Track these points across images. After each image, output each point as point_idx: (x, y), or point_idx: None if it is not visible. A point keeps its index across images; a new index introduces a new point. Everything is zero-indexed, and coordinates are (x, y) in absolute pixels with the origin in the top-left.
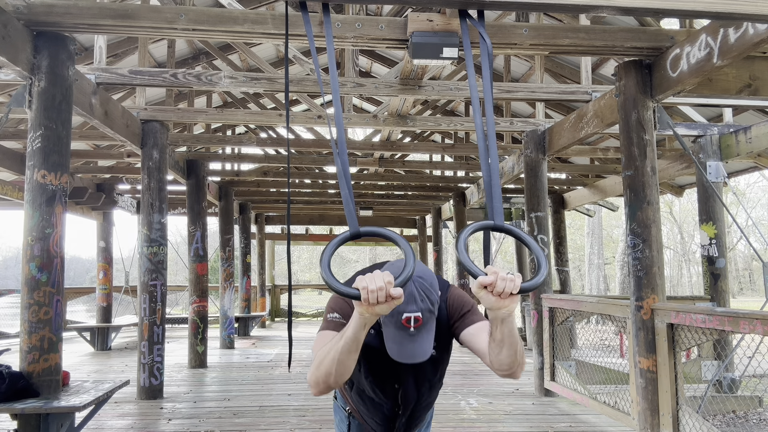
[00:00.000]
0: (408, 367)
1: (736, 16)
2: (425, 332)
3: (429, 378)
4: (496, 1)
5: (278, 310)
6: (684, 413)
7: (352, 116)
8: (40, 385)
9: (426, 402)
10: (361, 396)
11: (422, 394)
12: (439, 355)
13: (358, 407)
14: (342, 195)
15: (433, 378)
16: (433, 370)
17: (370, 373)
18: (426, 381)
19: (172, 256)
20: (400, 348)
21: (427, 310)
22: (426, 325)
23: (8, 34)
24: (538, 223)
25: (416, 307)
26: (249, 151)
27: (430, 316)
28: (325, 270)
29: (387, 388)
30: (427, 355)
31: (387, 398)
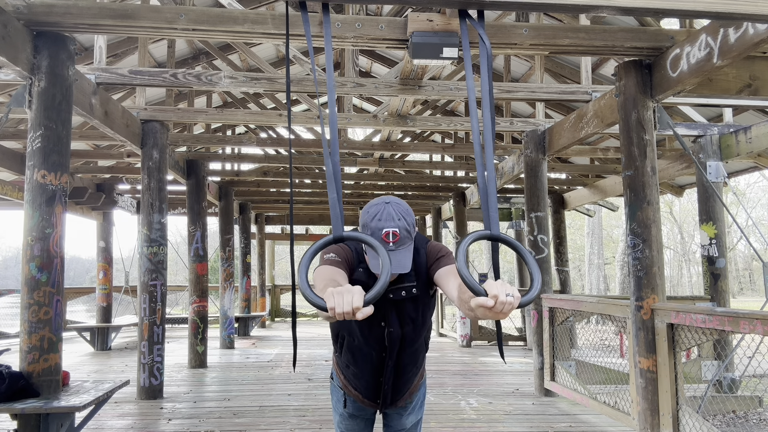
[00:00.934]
0: (391, 305)
1: (736, 16)
2: (403, 249)
3: (411, 316)
4: (496, 1)
5: (278, 310)
6: (684, 413)
7: (352, 116)
8: (40, 385)
9: (411, 350)
10: (351, 350)
11: (406, 333)
12: (420, 294)
13: (350, 369)
14: (329, 198)
15: (416, 317)
16: (414, 309)
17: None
18: (409, 319)
19: (172, 256)
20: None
21: (404, 228)
22: (404, 242)
23: (8, 34)
24: (538, 223)
25: (394, 224)
26: (249, 151)
27: (407, 235)
28: (302, 277)
29: (374, 327)
30: (407, 268)
31: (373, 338)
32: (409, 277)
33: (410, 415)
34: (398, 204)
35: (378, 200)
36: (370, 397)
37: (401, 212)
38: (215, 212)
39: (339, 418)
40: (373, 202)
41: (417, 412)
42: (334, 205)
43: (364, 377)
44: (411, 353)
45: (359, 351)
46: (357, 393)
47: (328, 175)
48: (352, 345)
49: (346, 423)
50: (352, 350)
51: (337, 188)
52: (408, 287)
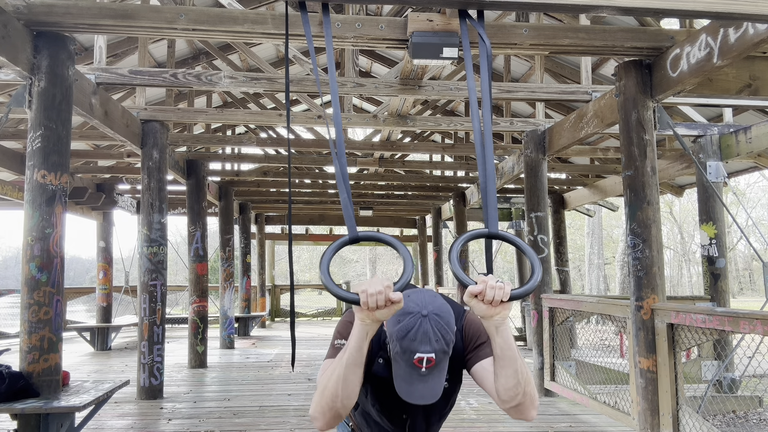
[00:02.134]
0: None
1: (736, 16)
2: (437, 372)
3: (439, 410)
4: (496, 1)
5: (278, 310)
6: (684, 413)
7: (352, 116)
8: (40, 385)
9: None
10: (366, 419)
11: (431, 424)
12: (451, 387)
13: (362, 429)
14: (341, 199)
15: (444, 409)
16: (444, 403)
17: (377, 401)
18: (436, 412)
19: (172, 256)
20: (410, 388)
21: (441, 351)
22: (439, 365)
23: (8, 34)
24: (538, 223)
25: (430, 348)
26: (249, 151)
27: (444, 356)
28: (325, 275)
29: (394, 418)
30: (438, 397)
31: (394, 426)
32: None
33: None
34: (438, 317)
35: (412, 308)
36: None
37: (440, 330)
38: (215, 212)
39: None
40: (406, 309)
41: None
42: (346, 206)
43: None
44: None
45: (376, 425)
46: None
47: (338, 176)
48: (368, 417)
49: None
50: (366, 420)
51: (347, 189)
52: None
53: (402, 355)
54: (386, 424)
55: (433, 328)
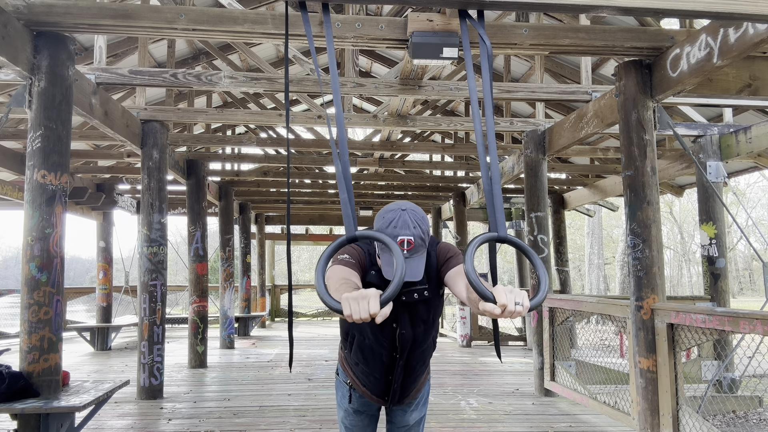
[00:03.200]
0: (403, 307)
1: (736, 16)
2: (417, 257)
3: (423, 318)
4: (496, 1)
5: (278, 310)
6: (684, 413)
7: (352, 116)
8: (40, 385)
9: (421, 350)
10: (362, 349)
11: (417, 335)
12: (431, 295)
13: (359, 367)
14: (341, 198)
15: (427, 318)
16: (426, 310)
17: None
18: (420, 321)
19: (172, 256)
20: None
21: (418, 237)
22: (418, 250)
23: (8, 34)
24: (538, 223)
25: (409, 232)
26: (249, 151)
27: (422, 243)
28: (319, 281)
29: (386, 328)
30: (420, 276)
31: (385, 339)
32: (421, 280)
33: (414, 411)
34: (414, 211)
35: (394, 206)
36: (379, 394)
37: (417, 220)
38: (215, 212)
39: (343, 414)
40: (389, 207)
41: (421, 408)
42: (346, 205)
43: (373, 375)
44: (421, 353)
45: (370, 350)
46: (365, 389)
47: (338, 175)
48: (363, 344)
49: (351, 419)
50: (362, 349)
51: (347, 188)
52: (420, 290)
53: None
54: (379, 341)
55: (411, 218)
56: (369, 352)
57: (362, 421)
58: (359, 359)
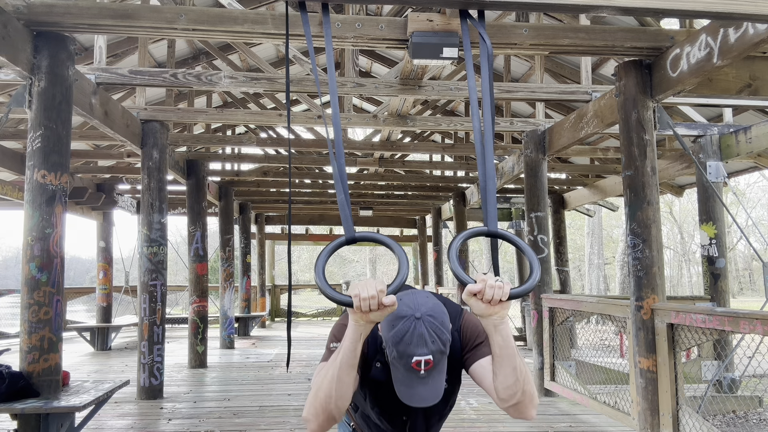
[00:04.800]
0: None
1: (736, 16)
2: (436, 374)
3: (439, 411)
4: (496, 1)
5: (278, 310)
6: (684, 413)
7: (352, 116)
8: (40, 385)
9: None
10: (366, 422)
11: (431, 426)
12: (451, 387)
13: (363, 430)
14: (338, 200)
15: (444, 410)
16: (444, 404)
17: (376, 404)
18: (436, 414)
19: (172, 256)
20: (410, 391)
21: (438, 352)
22: (437, 366)
23: (8, 34)
24: (538, 223)
25: (427, 350)
26: (249, 151)
27: (441, 357)
28: (320, 277)
29: (394, 420)
30: (439, 398)
31: (394, 428)
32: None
33: None
34: (431, 317)
35: (405, 309)
36: None
37: (435, 331)
38: (215, 212)
39: None
40: (400, 312)
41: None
42: (343, 207)
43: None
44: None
45: (376, 428)
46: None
47: (335, 176)
48: (368, 420)
49: None
50: (366, 422)
51: (344, 189)
52: None
53: (399, 360)
54: (386, 426)
55: (428, 329)
56: (375, 429)
57: None
58: (363, 426)
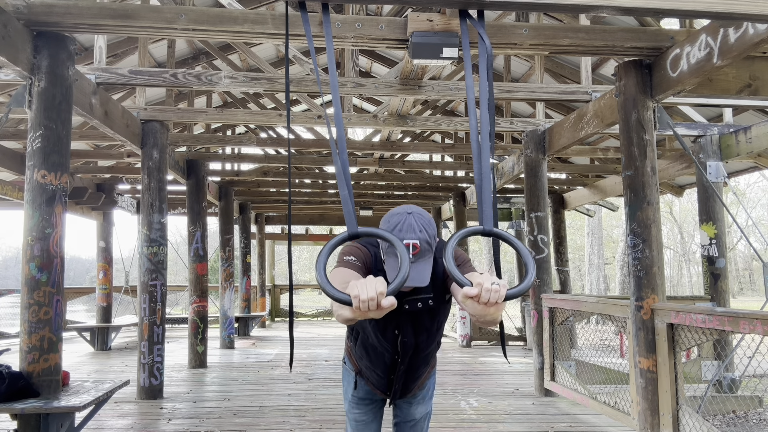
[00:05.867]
0: (406, 316)
1: (736, 16)
2: (423, 262)
3: (427, 327)
4: (496, 1)
5: (278, 310)
6: (684, 413)
7: (352, 116)
8: (40, 385)
9: (424, 354)
10: (365, 346)
11: (420, 343)
12: (436, 305)
13: (363, 361)
14: (341, 195)
15: (431, 327)
16: (431, 320)
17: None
18: (424, 330)
19: (172, 256)
20: None
21: (424, 241)
22: (424, 255)
23: (8, 34)
24: (538, 223)
25: (415, 236)
26: (249, 151)
27: (428, 247)
28: (321, 274)
29: (388, 333)
30: (425, 282)
31: (387, 343)
32: (426, 289)
33: (419, 405)
34: (420, 215)
35: (400, 209)
36: (382, 389)
37: (423, 224)
38: (215, 212)
39: (349, 406)
40: (395, 211)
41: (426, 402)
42: (346, 202)
43: (376, 372)
44: (424, 357)
45: (373, 350)
46: (369, 381)
47: (338, 172)
48: (366, 342)
49: (357, 410)
50: (366, 347)
51: (347, 185)
52: (424, 299)
53: (392, 249)
54: (382, 344)
55: (417, 222)
56: (372, 351)
57: (367, 415)
58: (363, 355)
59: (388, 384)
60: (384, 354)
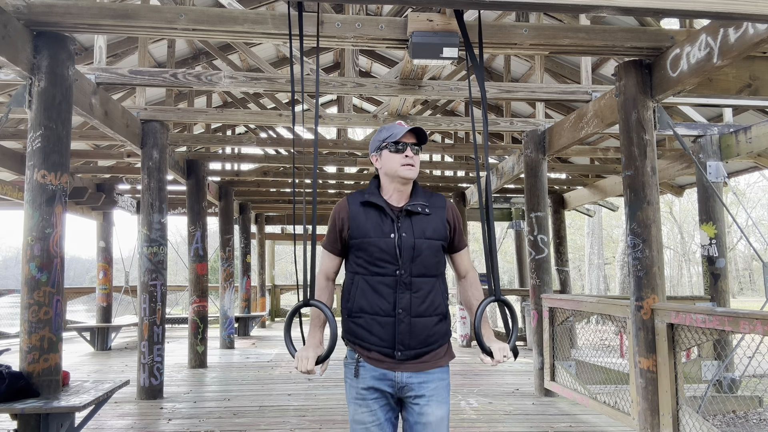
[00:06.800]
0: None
1: (736, 16)
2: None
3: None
4: (496, 1)
5: (278, 310)
6: (684, 413)
7: (352, 116)
8: (40, 385)
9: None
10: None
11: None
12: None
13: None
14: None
15: (425, 230)
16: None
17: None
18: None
19: (172, 256)
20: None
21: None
22: (419, 133)
23: (8, 34)
24: (538, 223)
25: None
26: (249, 151)
27: (421, 132)
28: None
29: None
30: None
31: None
32: (422, 204)
33: (437, 405)
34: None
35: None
36: (386, 343)
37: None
38: (215, 212)
39: (354, 408)
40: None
41: (443, 403)
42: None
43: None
44: (426, 284)
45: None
46: (372, 349)
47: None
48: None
49: (363, 408)
50: (369, 284)
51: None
52: (422, 205)
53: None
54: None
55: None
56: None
57: (375, 414)
58: (364, 302)
59: (393, 328)
60: (385, 276)
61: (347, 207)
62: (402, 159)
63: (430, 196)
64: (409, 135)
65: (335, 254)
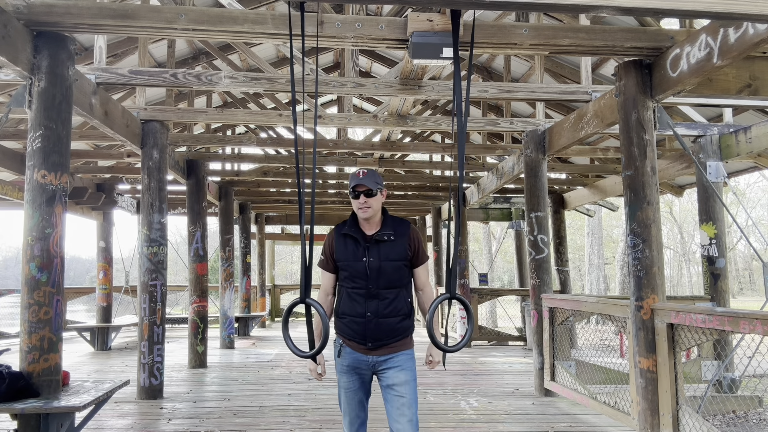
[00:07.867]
0: (373, 244)
1: (736, 16)
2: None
3: (387, 253)
4: (496, 1)
5: (278, 310)
6: (684, 413)
7: (352, 116)
8: (40, 385)
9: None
10: (349, 294)
11: (383, 266)
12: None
13: (345, 318)
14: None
15: (389, 254)
16: (391, 249)
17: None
18: (385, 256)
19: (172, 256)
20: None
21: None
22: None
23: (8, 34)
24: (538, 223)
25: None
26: (249, 151)
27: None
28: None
29: (359, 264)
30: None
31: (359, 272)
32: (388, 233)
33: (401, 371)
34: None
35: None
36: (360, 337)
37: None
38: (215, 212)
39: (339, 376)
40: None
41: (407, 370)
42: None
43: (355, 314)
44: (390, 293)
45: (354, 293)
46: (351, 340)
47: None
48: (349, 292)
49: (345, 377)
50: (349, 294)
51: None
52: (387, 234)
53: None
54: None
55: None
56: (353, 294)
57: (354, 383)
58: (346, 308)
59: (364, 324)
60: (359, 289)
61: (334, 236)
62: (358, 204)
63: (398, 224)
64: (362, 184)
65: (330, 272)
